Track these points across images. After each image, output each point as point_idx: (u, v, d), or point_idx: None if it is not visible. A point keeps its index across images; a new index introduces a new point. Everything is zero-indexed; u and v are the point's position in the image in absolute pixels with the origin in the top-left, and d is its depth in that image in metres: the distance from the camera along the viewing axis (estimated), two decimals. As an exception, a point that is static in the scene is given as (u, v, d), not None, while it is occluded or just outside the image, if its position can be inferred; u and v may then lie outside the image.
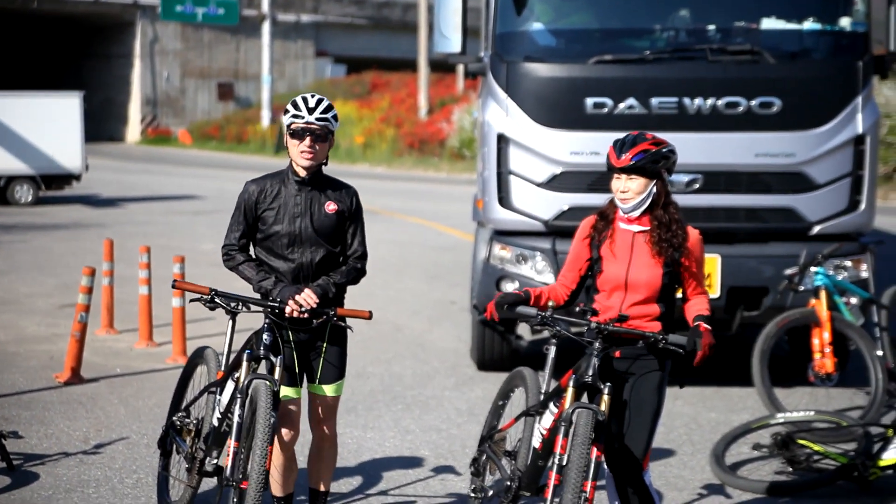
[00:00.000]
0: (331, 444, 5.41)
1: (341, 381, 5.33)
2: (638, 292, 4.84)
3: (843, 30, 8.35)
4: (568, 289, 5.04)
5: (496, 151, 8.43)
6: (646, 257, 4.85)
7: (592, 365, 4.76)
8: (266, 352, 5.07)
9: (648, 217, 4.86)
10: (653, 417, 4.89)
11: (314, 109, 5.07)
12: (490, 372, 9.02)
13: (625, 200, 4.83)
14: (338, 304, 5.26)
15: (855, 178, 8.23)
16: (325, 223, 5.17)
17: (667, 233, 4.83)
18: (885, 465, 6.24)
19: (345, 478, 6.45)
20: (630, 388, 4.89)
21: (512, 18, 8.50)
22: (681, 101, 8.16)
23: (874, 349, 7.72)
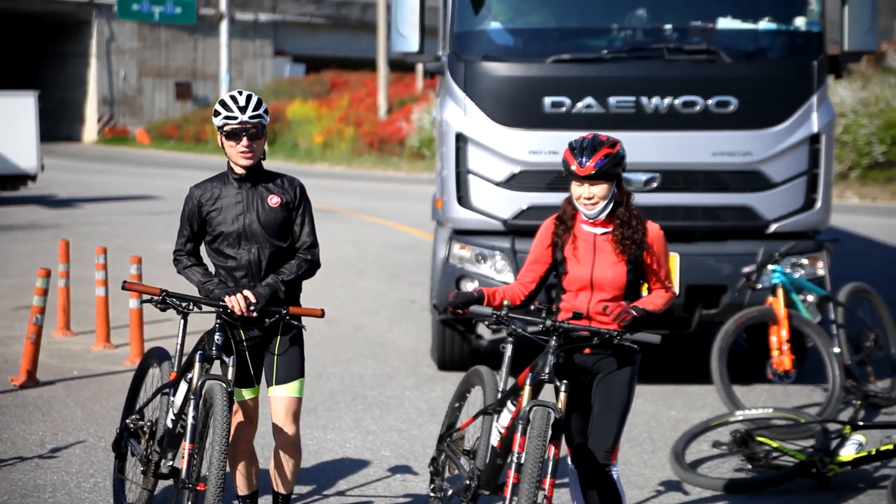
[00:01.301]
0: (293, 448, 5.36)
1: (300, 381, 5.28)
2: (604, 291, 4.86)
3: (799, 29, 8.42)
4: (526, 289, 5.04)
5: (455, 151, 8.42)
6: (609, 256, 4.86)
7: (549, 363, 4.76)
8: (218, 352, 5.03)
9: (609, 217, 4.87)
10: (622, 413, 4.90)
11: (246, 108, 5.03)
12: (450, 371, 9.01)
13: (590, 206, 4.82)
14: (293, 301, 5.22)
15: (811, 177, 8.29)
16: (269, 217, 5.15)
17: (629, 230, 4.85)
18: (842, 461, 6.30)
19: (305, 479, 6.41)
20: (599, 383, 4.90)
21: (469, 17, 8.50)
22: (638, 101, 8.19)
23: (831, 346, 7.79)
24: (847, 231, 16.92)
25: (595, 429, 4.89)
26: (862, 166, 23.53)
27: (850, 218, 18.56)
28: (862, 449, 6.29)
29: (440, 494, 5.43)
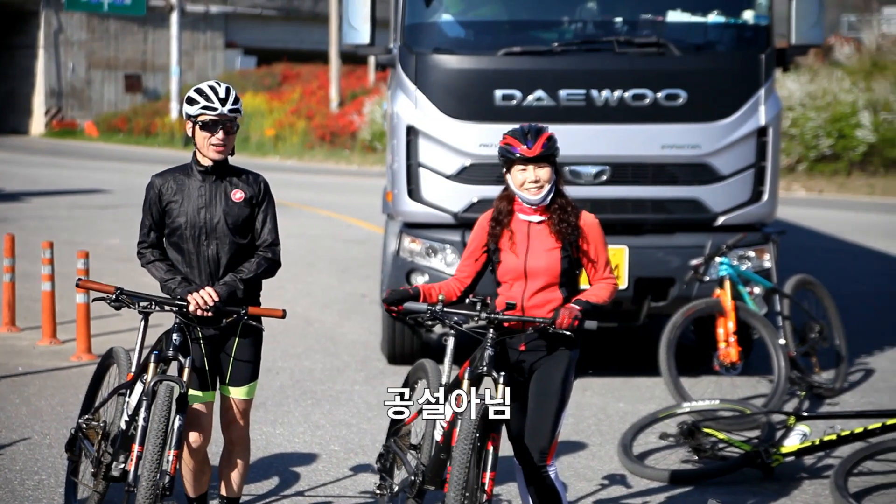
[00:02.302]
0: (242, 449, 5.30)
1: (253, 384, 5.21)
2: (538, 279, 4.84)
3: (747, 23, 8.47)
4: (462, 283, 5.01)
5: (405, 143, 8.40)
6: (543, 244, 4.85)
7: (486, 355, 4.74)
8: (175, 353, 4.93)
9: (544, 205, 4.86)
10: (558, 408, 4.86)
11: (226, 100, 4.93)
12: (400, 365, 8.99)
13: (536, 191, 4.80)
14: (252, 301, 5.12)
15: (758, 170, 8.36)
16: (232, 212, 5.03)
17: (565, 215, 4.85)
18: (786, 451, 6.35)
19: (253, 474, 6.36)
20: (535, 381, 4.87)
21: (421, 10, 8.47)
22: (588, 93, 8.21)
23: (777, 338, 7.86)
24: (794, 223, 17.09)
25: (530, 428, 4.84)
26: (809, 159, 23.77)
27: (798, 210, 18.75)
28: (806, 439, 6.35)
29: (387, 492, 5.40)
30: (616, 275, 8.20)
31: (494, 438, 4.67)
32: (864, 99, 23.38)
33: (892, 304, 11.88)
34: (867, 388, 8.53)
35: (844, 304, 9.24)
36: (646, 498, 6.21)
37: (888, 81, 24.10)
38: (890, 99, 23.02)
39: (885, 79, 24.46)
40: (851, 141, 22.98)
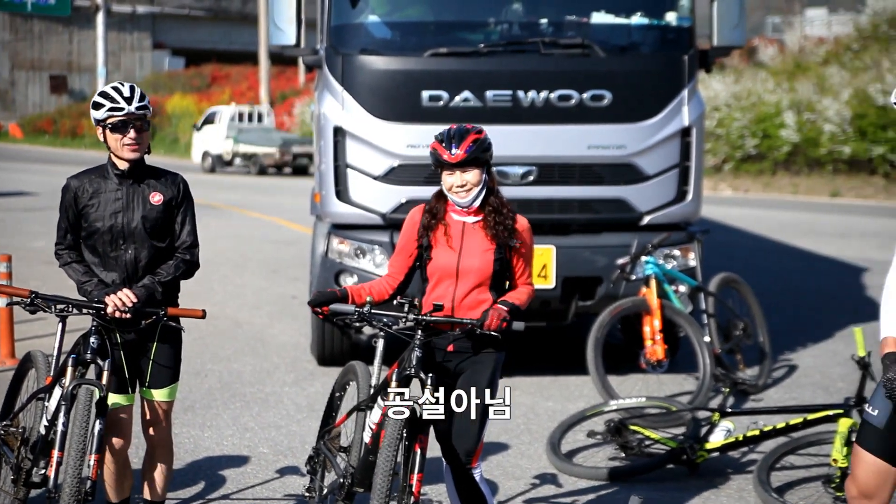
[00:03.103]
0: (165, 451, 5.26)
1: (174, 386, 5.18)
2: (469, 280, 4.81)
3: (670, 25, 8.57)
4: (394, 281, 4.97)
5: (333, 145, 8.39)
6: (477, 244, 4.82)
7: (415, 357, 4.72)
8: (93, 356, 4.87)
9: (480, 206, 4.85)
10: (483, 413, 4.82)
11: (131, 99, 4.88)
12: (330, 367, 8.97)
13: (464, 195, 4.77)
14: (170, 302, 5.08)
15: (682, 170, 8.46)
16: (151, 215, 4.99)
17: (500, 216, 4.83)
18: (711, 447, 6.44)
19: (181, 479, 6.31)
20: (463, 380, 4.85)
21: (347, 11, 8.46)
22: (515, 94, 8.26)
23: (702, 336, 7.96)
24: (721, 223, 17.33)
25: (457, 430, 4.82)
26: (735, 159, 24.11)
27: (724, 209, 19.01)
28: (730, 435, 6.44)
29: (316, 494, 5.37)
30: (544, 273, 8.29)
31: (422, 440, 4.65)
32: (788, 99, 23.77)
33: (814, 302, 12.09)
34: (790, 384, 8.67)
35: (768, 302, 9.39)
36: (573, 495, 6.26)
37: (811, 82, 24.53)
38: (813, 99, 23.42)
39: (808, 80, 24.89)
40: (776, 141, 23.35)
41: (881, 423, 4.15)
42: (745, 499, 6.18)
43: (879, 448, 4.16)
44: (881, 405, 4.16)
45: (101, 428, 4.79)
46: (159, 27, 46.92)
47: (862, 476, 4.20)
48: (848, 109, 22.42)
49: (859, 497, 4.23)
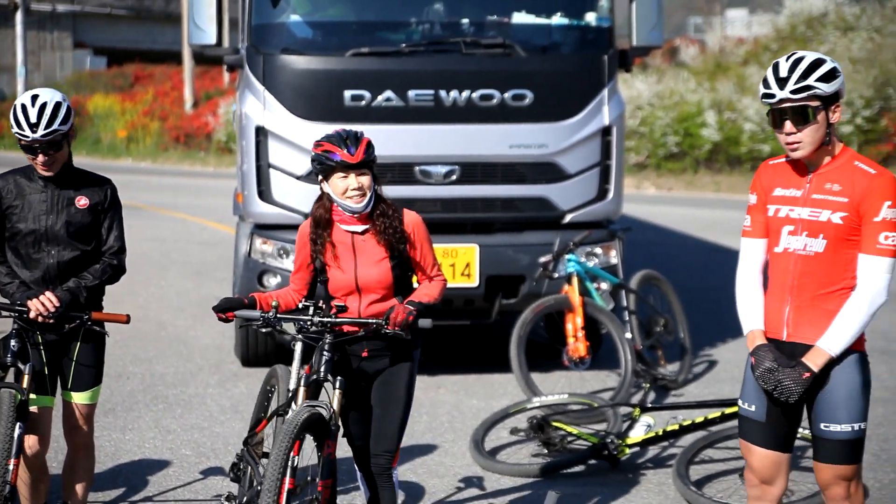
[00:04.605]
0: (86, 455, 5.21)
1: (97, 389, 5.13)
2: (372, 292, 4.72)
3: (590, 25, 8.65)
4: (299, 294, 4.87)
5: (255, 145, 8.36)
6: (371, 255, 4.71)
7: (323, 360, 4.65)
8: (13, 359, 4.82)
9: (366, 214, 4.73)
10: (402, 415, 4.80)
11: (37, 125, 4.76)
12: (255, 368, 8.93)
13: (359, 199, 4.64)
14: (95, 306, 5.05)
15: (603, 168, 8.55)
16: (76, 220, 4.95)
17: (388, 220, 4.71)
18: (632, 442, 6.53)
19: (102, 482, 6.25)
20: (378, 385, 4.80)
21: (268, 10, 8.42)
22: (437, 94, 8.28)
23: (623, 332, 8.05)
24: (644, 221, 17.52)
25: (376, 433, 4.79)
26: (658, 157, 24.39)
27: (648, 207, 19.21)
28: (650, 430, 6.53)
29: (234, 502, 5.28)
30: (467, 272, 8.33)
31: (330, 445, 4.57)
32: (709, 99, 24.10)
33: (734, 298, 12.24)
34: (710, 378, 8.81)
35: (689, 298, 9.52)
36: (496, 492, 6.30)
37: (731, 82, 24.90)
38: (733, 99, 23.78)
39: (728, 79, 25.25)
40: (698, 139, 23.66)
41: (762, 417, 4.25)
42: (664, 492, 6.27)
43: (767, 440, 4.27)
44: (755, 399, 4.27)
45: (20, 432, 4.73)
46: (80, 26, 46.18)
47: (758, 467, 4.32)
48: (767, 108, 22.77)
49: (760, 485, 4.35)
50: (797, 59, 4.10)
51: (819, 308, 4.15)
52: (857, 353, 4.18)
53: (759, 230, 4.31)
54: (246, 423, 7.37)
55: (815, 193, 4.15)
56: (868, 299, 4.08)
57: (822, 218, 4.12)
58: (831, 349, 4.10)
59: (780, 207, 4.22)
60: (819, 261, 4.13)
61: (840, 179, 4.12)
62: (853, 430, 4.15)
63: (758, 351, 4.22)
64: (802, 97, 4.07)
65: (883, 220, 4.06)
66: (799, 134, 4.10)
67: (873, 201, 4.06)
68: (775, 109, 4.15)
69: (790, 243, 4.19)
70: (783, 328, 4.23)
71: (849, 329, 4.09)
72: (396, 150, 8.22)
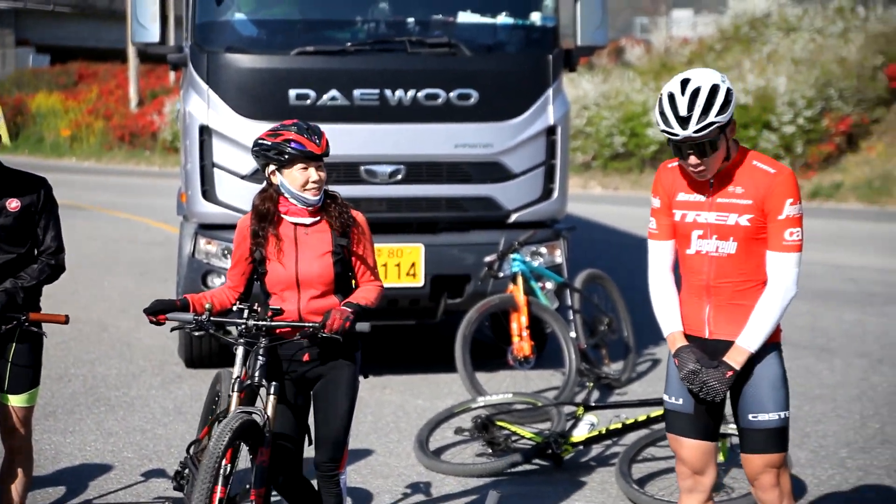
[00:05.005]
0: (24, 458, 5.13)
1: (34, 391, 5.06)
2: (312, 287, 4.65)
3: (534, 25, 8.68)
4: (235, 292, 4.79)
5: (199, 144, 8.30)
6: (313, 250, 4.65)
7: (257, 365, 4.56)
8: None
9: (317, 206, 4.69)
10: (347, 419, 4.75)
11: None
12: (199, 369, 8.87)
13: (316, 191, 4.62)
14: (32, 307, 4.98)
15: (548, 168, 8.58)
16: (6, 223, 4.87)
17: (340, 209, 4.69)
18: (575, 441, 6.55)
19: (41, 486, 6.17)
20: (320, 390, 4.74)
21: (212, 8, 8.36)
22: (382, 93, 8.27)
23: (568, 331, 8.08)
24: (590, 220, 17.61)
25: (321, 438, 4.73)
26: (604, 157, 24.51)
27: (594, 207, 19.31)
28: (594, 429, 6.56)
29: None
30: (413, 272, 8.32)
31: (263, 452, 4.48)
32: (655, 99, 24.25)
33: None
34: (653, 377, 8.86)
35: (633, 298, 9.56)
36: (441, 492, 6.29)
37: (676, 82, 25.05)
38: (679, 99, 23.94)
39: (674, 79, 25.41)
40: (643, 139, 23.80)
41: (690, 409, 4.34)
42: (607, 491, 6.30)
43: (695, 430, 4.36)
44: (681, 392, 4.35)
45: None
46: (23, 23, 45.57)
47: (689, 458, 4.39)
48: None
49: (693, 476, 4.42)
50: (694, 92, 4.07)
51: (737, 305, 4.24)
52: (774, 344, 4.30)
53: (665, 232, 4.38)
54: (189, 425, 7.36)
55: (719, 197, 4.22)
56: (780, 295, 4.19)
57: (729, 221, 4.20)
58: (750, 346, 4.20)
59: (686, 213, 4.29)
60: (732, 261, 4.22)
61: (742, 181, 4.19)
62: (780, 419, 4.26)
63: (680, 353, 4.30)
64: (706, 133, 4.08)
65: (787, 217, 4.15)
66: (704, 161, 4.13)
67: (776, 201, 4.14)
68: (676, 143, 4.15)
69: (702, 246, 4.26)
70: (705, 327, 4.31)
71: (765, 325, 4.19)
72: (341, 149, 8.13)
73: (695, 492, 4.44)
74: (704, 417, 4.35)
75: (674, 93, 4.12)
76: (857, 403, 8.07)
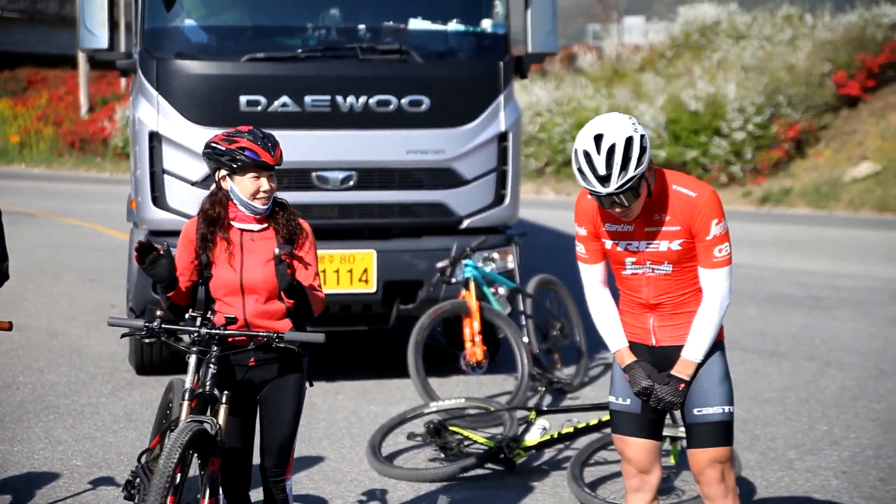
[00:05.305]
0: None
1: None
2: (256, 293, 4.64)
3: (485, 31, 8.71)
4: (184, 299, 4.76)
5: (149, 150, 8.25)
6: (258, 256, 4.64)
7: (209, 373, 4.53)
8: None
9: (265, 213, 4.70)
10: (293, 424, 4.73)
11: None
12: (150, 376, 8.81)
13: (266, 201, 4.63)
14: (-25, 315, 4.96)
15: (500, 174, 8.61)
16: None
17: (288, 216, 4.70)
18: (528, 445, 6.58)
19: (-13, 496, 6.12)
20: (266, 396, 4.72)
21: (161, 14, 8.32)
22: (333, 100, 8.27)
23: (520, 336, 8.11)
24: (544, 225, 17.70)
25: (267, 443, 4.72)
26: (557, 163, 24.64)
27: (547, 213, 19.40)
28: (546, 433, 6.59)
29: None
30: (365, 278, 8.32)
31: (214, 462, 4.45)
32: (606, 105, 24.43)
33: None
34: (606, 381, 8.91)
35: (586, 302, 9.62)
36: (393, 498, 6.29)
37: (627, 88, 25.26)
38: (629, 105, 24.13)
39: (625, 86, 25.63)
40: (596, 145, 23.95)
41: (637, 409, 4.44)
42: (559, 495, 6.33)
43: (641, 429, 4.46)
44: (627, 393, 4.44)
45: None
46: (-29, 29, 45.09)
47: (635, 457, 4.47)
48: (662, 115, 23.19)
49: (638, 475, 4.49)
50: (609, 150, 4.08)
51: (680, 315, 4.38)
52: (718, 343, 4.41)
53: (595, 256, 4.46)
54: (140, 433, 7.31)
55: (647, 227, 4.31)
56: (716, 306, 4.32)
57: (661, 248, 4.31)
58: (696, 357, 4.34)
59: (616, 242, 4.37)
60: (670, 279, 4.35)
61: (665, 208, 4.29)
62: (724, 412, 4.36)
63: (631, 370, 4.40)
64: (627, 188, 4.12)
65: (714, 237, 4.27)
66: (628, 206, 4.19)
67: (702, 224, 4.25)
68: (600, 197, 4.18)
69: (637, 269, 4.38)
70: (651, 336, 4.44)
71: (706, 336, 4.33)
72: (293, 155, 8.12)
73: (641, 491, 4.51)
74: (649, 417, 4.44)
75: (589, 151, 4.12)
76: (806, 406, 8.17)
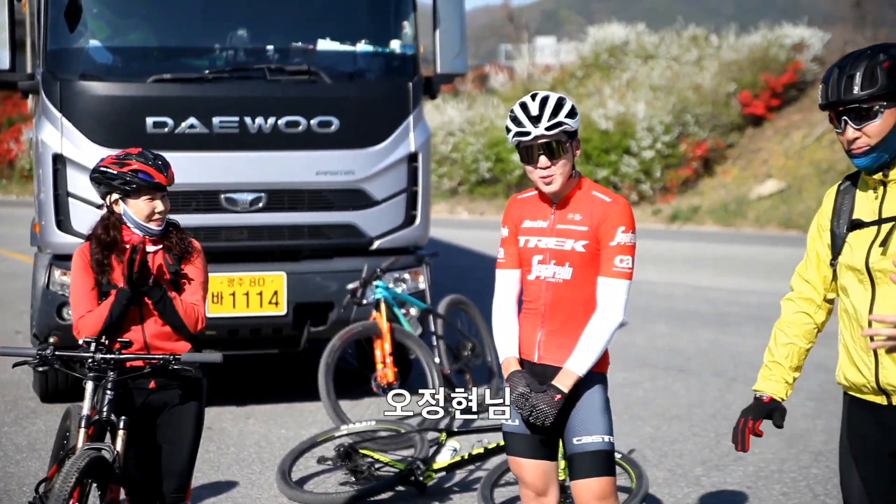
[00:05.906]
0: None
1: None
2: (155, 315, 4.62)
3: (394, 52, 8.72)
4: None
5: (52, 173, 8.11)
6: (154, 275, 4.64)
7: (105, 399, 4.47)
8: None
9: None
10: (192, 448, 4.70)
11: None
12: (54, 404, 8.62)
13: (160, 222, 4.66)
14: None
15: (410, 194, 8.62)
16: None
17: (180, 235, 4.73)
18: (438, 467, 6.56)
19: None
20: (165, 420, 4.68)
21: (65, 34, 8.19)
22: (242, 121, 8.21)
23: (431, 357, 8.11)
24: (456, 245, 17.74)
25: (167, 468, 4.68)
26: (470, 182, 24.75)
27: (461, 232, 19.46)
28: (456, 454, 6.58)
29: None
30: (275, 300, 8.25)
31: (113, 489, 4.39)
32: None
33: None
34: (518, 400, 8.93)
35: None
36: (304, 523, 6.23)
37: (539, 108, 25.45)
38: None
39: (537, 106, 25.81)
40: (508, 165, 24.12)
41: (525, 430, 4.40)
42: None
43: (534, 451, 4.42)
44: (517, 414, 4.40)
45: None
46: None
47: (530, 479, 4.44)
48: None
49: (535, 497, 4.47)
50: (544, 98, 4.30)
51: (568, 331, 4.36)
52: (601, 375, 4.40)
53: (511, 262, 4.49)
54: (44, 462, 7.14)
55: (559, 224, 4.38)
56: (607, 321, 4.31)
57: (566, 247, 4.34)
58: (578, 369, 4.30)
59: (529, 238, 4.43)
60: (567, 287, 4.35)
61: (580, 209, 4.36)
62: (604, 441, 4.33)
63: (512, 377, 4.39)
64: (555, 133, 4.26)
65: (618, 244, 4.30)
66: (552, 167, 4.29)
67: (609, 227, 4.30)
68: (528, 146, 4.32)
69: (541, 272, 4.39)
70: (535, 351, 4.42)
71: (592, 350, 4.30)
72: (201, 177, 8.11)
73: None
74: (542, 438, 4.40)
75: (525, 101, 4.34)
76: (713, 422, 8.28)
